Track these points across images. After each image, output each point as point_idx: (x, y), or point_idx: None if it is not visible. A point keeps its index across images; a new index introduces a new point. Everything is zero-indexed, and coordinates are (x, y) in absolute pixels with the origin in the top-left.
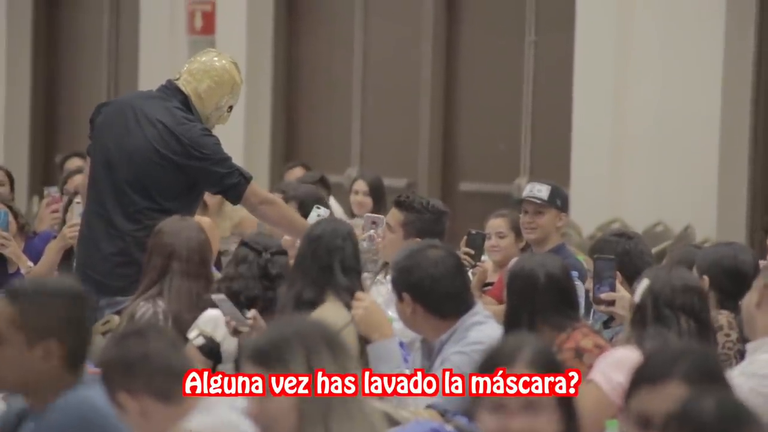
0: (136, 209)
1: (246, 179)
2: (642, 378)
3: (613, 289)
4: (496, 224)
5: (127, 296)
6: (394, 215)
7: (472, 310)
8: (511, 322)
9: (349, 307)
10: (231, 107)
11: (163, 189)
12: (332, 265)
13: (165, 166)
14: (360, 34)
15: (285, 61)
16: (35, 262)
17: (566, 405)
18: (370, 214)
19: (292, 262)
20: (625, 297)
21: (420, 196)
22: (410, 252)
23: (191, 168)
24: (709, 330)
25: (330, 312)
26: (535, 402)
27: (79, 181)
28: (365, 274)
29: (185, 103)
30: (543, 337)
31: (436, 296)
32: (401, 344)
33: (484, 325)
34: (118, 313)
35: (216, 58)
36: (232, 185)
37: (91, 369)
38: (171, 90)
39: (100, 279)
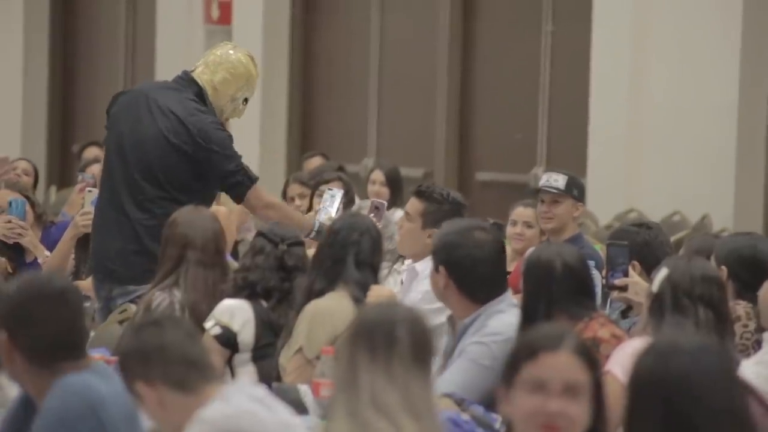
0: (146, 198)
1: (251, 180)
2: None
3: (626, 275)
4: (526, 214)
5: (139, 285)
6: (414, 204)
7: (500, 297)
8: (527, 312)
9: (357, 300)
10: (246, 100)
11: (174, 178)
12: (346, 259)
13: (175, 155)
14: (376, 24)
15: (302, 50)
16: (52, 252)
17: (597, 397)
18: (375, 199)
19: (309, 252)
20: (639, 283)
21: (440, 187)
22: (458, 228)
23: (198, 159)
24: (727, 320)
25: (332, 300)
26: (576, 387)
27: (97, 170)
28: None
29: (200, 94)
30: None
31: (471, 278)
32: None
33: (504, 314)
34: (132, 302)
35: (232, 51)
36: (235, 183)
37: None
38: (186, 81)
39: (113, 268)
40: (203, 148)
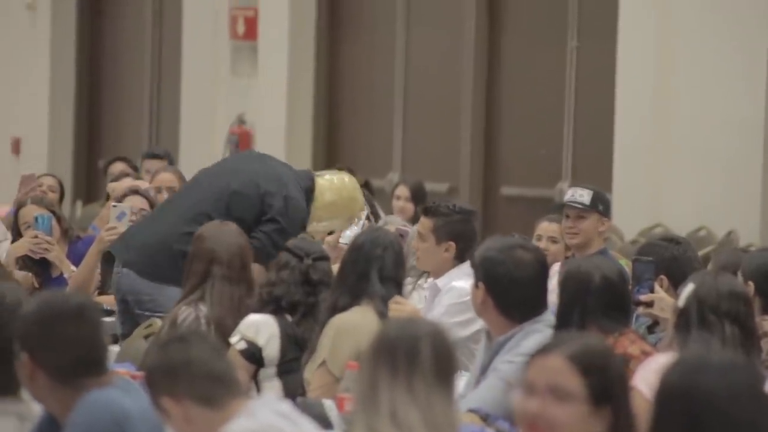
0: (201, 212)
1: (267, 254)
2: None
3: (652, 291)
4: (551, 229)
5: (149, 281)
6: (423, 224)
7: (538, 317)
8: (561, 321)
9: (382, 314)
10: (332, 232)
11: (240, 217)
12: (369, 274)
13: (257, 197)
14: (402, 39)
15: (327, 66)
16: (78, 267)
17: (617, 407)
18: (400, 227)
19: (333, 267)
20: (664, 299)
21: (444, 200)
22: (501, 245)
23: (259, 208)
24: (754, 336)
25: (357, 315)
26: (563, 391)
27: (127, 184)
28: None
29: (308, 191)
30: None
31: (509, 297)
32: None
33: (540, 334)
34: (141, 310)
35: (357, 191)
36: (255, 239)
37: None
38: (306, 174)
39: (132, 254)
40: (279, 206)
